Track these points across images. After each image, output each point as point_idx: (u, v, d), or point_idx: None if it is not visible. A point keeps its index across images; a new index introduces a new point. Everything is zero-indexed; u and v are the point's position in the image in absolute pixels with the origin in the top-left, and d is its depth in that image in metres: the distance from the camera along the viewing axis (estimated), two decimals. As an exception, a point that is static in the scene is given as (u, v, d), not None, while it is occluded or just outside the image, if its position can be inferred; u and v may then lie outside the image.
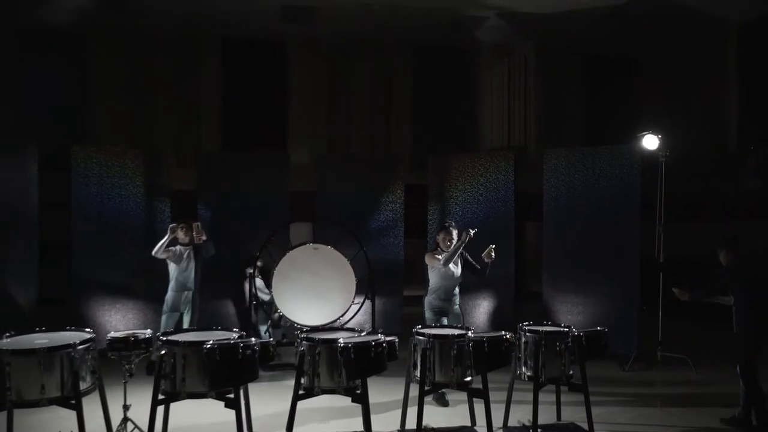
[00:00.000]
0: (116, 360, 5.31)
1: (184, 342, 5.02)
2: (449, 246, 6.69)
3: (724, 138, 12.99)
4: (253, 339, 5.05)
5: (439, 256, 6.67)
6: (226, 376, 4.80)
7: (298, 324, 7.48)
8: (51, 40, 11.88)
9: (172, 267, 7.69)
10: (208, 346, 4.78)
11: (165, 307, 7.68)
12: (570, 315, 8.59)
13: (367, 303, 8.17)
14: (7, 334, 5.23)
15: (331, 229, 8.37)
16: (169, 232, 7.51)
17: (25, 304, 7.75)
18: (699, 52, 13.08)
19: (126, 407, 5.37)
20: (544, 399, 6.15)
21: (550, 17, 12.01)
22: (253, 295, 7.97)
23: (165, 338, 5.17)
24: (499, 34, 12.94)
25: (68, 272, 8.24)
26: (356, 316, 8.16)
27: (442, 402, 6.32)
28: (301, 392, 5.23)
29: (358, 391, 5.18)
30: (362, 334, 5.47)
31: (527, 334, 5.65)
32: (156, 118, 12.46)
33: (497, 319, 8.86)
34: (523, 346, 5.67)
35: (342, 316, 7.74)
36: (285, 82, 13.08)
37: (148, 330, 5.55)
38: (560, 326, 5.84)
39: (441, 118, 13.43)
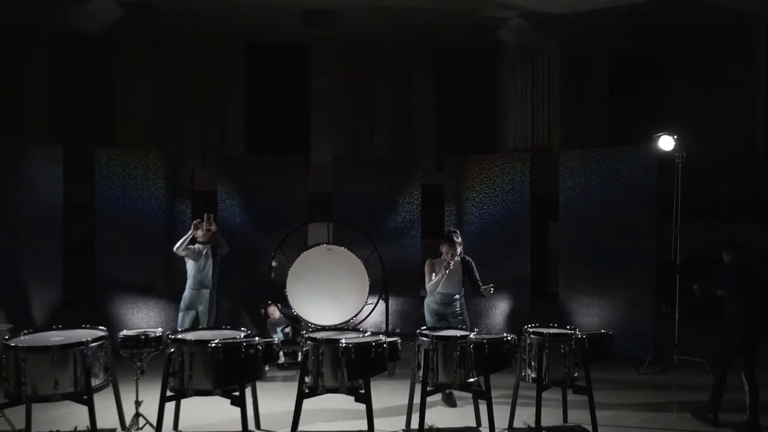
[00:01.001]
0: (128, 357, 5.49)
1: (192, 340, 5.18)
2: (450, 258, 6.45)
3: (751, 137, 12.74)
4: (257, 338, 5.18)
5: (432, 276, 6.51)
6: (229, 375, 4.94)
7: (312, 324, 7.60)
8: (80, 45, 12.22)
9: (190, 265, 7.93)
10: (213, 345, 4.92)
11: (182, 305, 7.94)
12: (586, 317, 8.56)
13: (382, 303, 8.24)
14: (25, 332, 5.46)
15: (348, 229, 8.47)
16: (192, 228, 7.81)
17: (50, 304, 8.01)
18: (725, 50, 12.85)
19: (138, 403, 5.54)
20: (553, 401, 6.19)
21: (573, 17, 11.93)
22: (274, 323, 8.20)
23: (174, 337, 5.34)
24: (523, 35, 12.89)
25: (93, 272, 8.49)
26: (373, 317, 8.25)
27: (450, 402, 6.36)
28: (306, 391, 5.36)
29: (362, 391, 5.28)
30: (366, 334, 5.56)
31: (531, 336, 5.67)
32: (182, 121, 12.73)
33: (513, 321, 8.86)
34: (527, 348, 5.70)
35: (355, 316, 7.83)
36: (308, 85, 13.23)
37: (159, 328, 5.73)
38: (566, 328, 5.84)
39: (463, 120, 13.44)
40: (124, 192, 8.61)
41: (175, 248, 7.82)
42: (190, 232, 7.86)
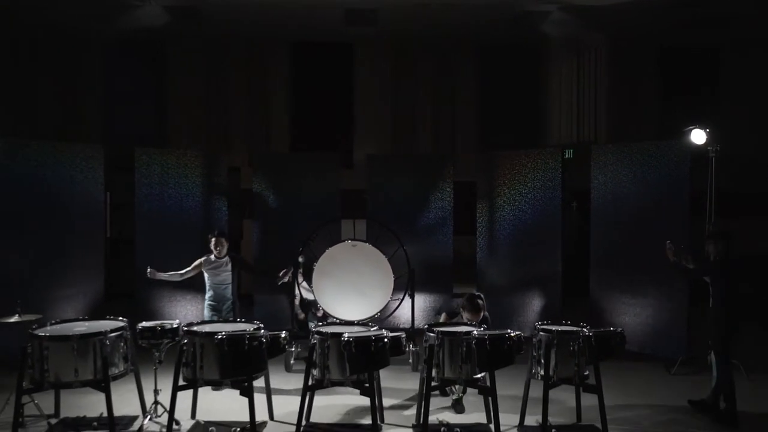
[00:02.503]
0: (147, 347, 5.76)
1: (202, 332, 5.38)
2: (468, 321, 6.23)
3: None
4: (262, 331, 5.34)
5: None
6: (234, 366, 5.11)
7: (338, 319, 7.74)
8: (132, 49, 12.72)
9: (207, 277, 7.43)
10: (218, 337, 5.11)
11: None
12: (618, 315, 8.39)
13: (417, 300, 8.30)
14: (52, 322, 5.79)
15: (379, 226, 8.55)
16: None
17: (92, 297, 8.41)
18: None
19: (156, 392, 5.80)
20: (569, 399, 6.11)
21: (618, 8, 11.62)
22: (298, 297, 8.29)
23: (187, 328, 5.56)
24: (567, 28, 12.64)
25: (133, 267, 8.86)
26: (406, 314, 8.32)
27: (459, 409, 6.24)
28: (312, 384, 5.49)
29: (367, 385, 5.37)
30: (372, 329, 5.64)
31: (541, 333, 5.63)
32: (228, 121, 13.10)
33: (544, 319, 8.75)
34: (536, 345, 5.66)
35: (380, 312, 7.90)
36: (351, 83, 13.36)
37: (177, 320, 5.96)
38: (578, 326, 5.77)
39: (507, 115, 13.28)
40: (162, 190, 8.94)
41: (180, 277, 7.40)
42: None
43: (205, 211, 9.20)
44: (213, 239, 7.34)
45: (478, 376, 5.48)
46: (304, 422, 5.70)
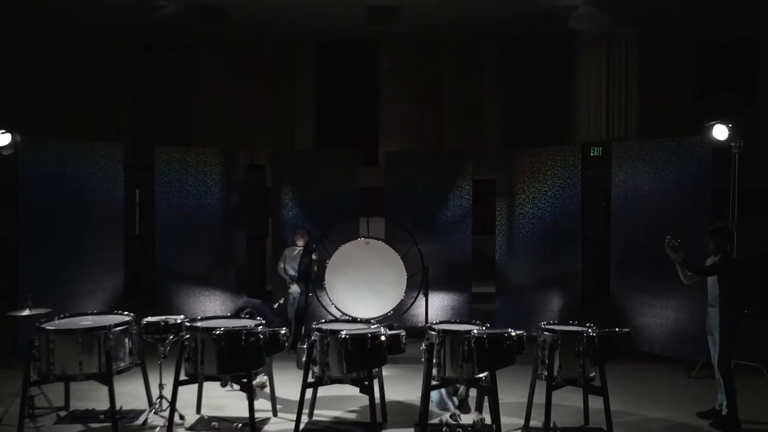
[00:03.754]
0: (152, 342, 5.83)
1: (201, 327, 5.41)
2: None
3: None
4: (260, 327, 5.35)
5: None
6: (231, 361, 5.13)
7: (350, 316, 7.72)
8: (158, 50, 12.93)
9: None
10: (215, 332, 5.14)
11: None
12: (638, 316, 8.19)
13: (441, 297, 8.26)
14: (60, 316, 5.89)
15: (399, 224, 8.51)
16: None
17: (111, 293, 8.55)
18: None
19: (161, 386, 5.87)
20: (578, 401, 5.96)
21: (652, 0, 11.36)
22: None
23: (189, 324, 5.60)
24: (595, 23, 12.41)
25: (153, 264, 9.01)
26: (421, 311, 8.27)
27: (464, 410, 5.93)
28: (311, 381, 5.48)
29: (366, 383, 5.33)
30: (372, 327, 5.60)
31: (545, 333, 5.51)
32: (254, 119, 13.23)
33: (563, 319, 8.59)
34: (541, 345, 5.55)
35: (394, 309, 7.86)
36: (376, 81, 13.36)
37: (181, 315, 6.01)
38: (585, 326, 5.63)
39: (533, 112, 13.09)
40: (182, 187, 9.05)
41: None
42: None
43: (224, 207, 9.28)
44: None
45: (480, 375, 5.39)
46: (307, 419, 5.71)
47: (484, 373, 5.35)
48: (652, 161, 8.07)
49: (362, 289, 7.85)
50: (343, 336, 5.10)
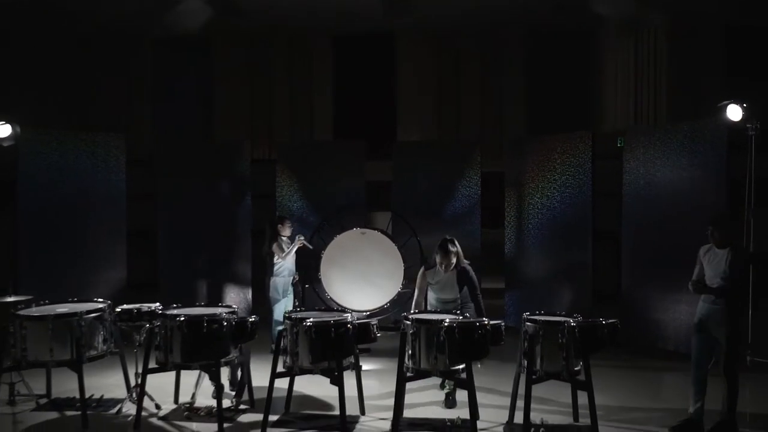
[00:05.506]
0: (127, 330, 5.76)
1: (170, 315, 5.29)
2: (444, 269, 5.91)
3: None
4: (224, 314, 5.20)
5: (421, 290, 6.10)
6: (194, 349, 5.00)
7: (347, 309, 7.54)
8: (177, 45, 13.00)
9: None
10: (178, 319, 5.02)
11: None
12: (651, 311, 7.76)
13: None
14: (41, 302, 5.88)
15: (409, 218, 8.30)
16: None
17: (115, 285, 8.56)
18: None
19: (137, 375, 5.78)
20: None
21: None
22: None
23: (160, 311, 5.50)
24: (621, 9, 11.94)
25: (156, 258, 8.97)
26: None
27: (450, 404, 5.82)
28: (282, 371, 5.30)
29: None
30: (344, 315, 5.38)
31: (527, 323, 5.21)
32: (273, 113, 13.18)
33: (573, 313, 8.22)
34: (523, 336, 5.25)
35: (391, 301, 7.66)
36: (394, 73, 13.15)
37: (157, 303, 5.91)
38: (572, 316, 5.30)
39: (558, 101, 12.63)
40: (183, 180, 8.98)
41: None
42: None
43: (232, 202, 9.21)
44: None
45: (458, 368, 5.12)
46: (276, 413, 5.55)
47: (460, 366, 5.08)
48: (664, 147, 7.63)
49: (358, 280, 7.67)
50: (307, 324, 4.91)
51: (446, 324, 4.93)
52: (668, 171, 7.58)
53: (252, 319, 5.32)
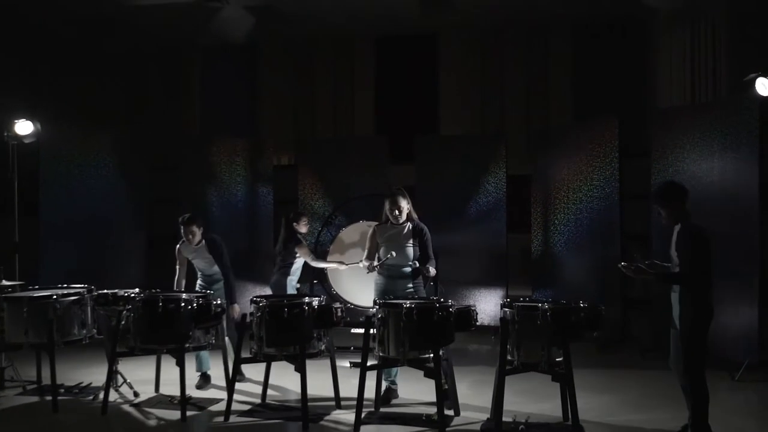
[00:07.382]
0: (105, 315, 5.72)
1: (135, 299, 5.19)
2: (393, 218, 5.49)
3: None
4: (183, 295, 5.06)
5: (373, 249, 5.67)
6: (152, 332, 4.88)
7: (352, 304, 7.31)
8: (224, 52, 13.23)
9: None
10: (137, 300, 4.91)
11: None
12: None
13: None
14: (31, 288, 5.93)
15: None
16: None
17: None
18: None
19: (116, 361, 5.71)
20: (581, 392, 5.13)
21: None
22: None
23: (134, 296, 5.41)
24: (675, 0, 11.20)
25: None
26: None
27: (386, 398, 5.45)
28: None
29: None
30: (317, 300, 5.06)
31: (504, 309, 4.79)
32: (317, 116, 13.20)
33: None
34: (501, 324, 4.82)
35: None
36: (436, 74, 12.86)
37: (137, 289, 5.82)
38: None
39: (606, 95, 11.92)
40: (206, 183, 9.05)
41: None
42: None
43: (251, 199, 9.19)
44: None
45: (426, 356, 4.75)
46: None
47: (428, 354, 4.71)
48: (692, 131, 6.95)
49: (364, 275, 7.36)
50: (261, 305, 4.68)
51: (406, 306, 4.58)
52: (696, 157, 6.90)
53: (217, 302, 5.15)
